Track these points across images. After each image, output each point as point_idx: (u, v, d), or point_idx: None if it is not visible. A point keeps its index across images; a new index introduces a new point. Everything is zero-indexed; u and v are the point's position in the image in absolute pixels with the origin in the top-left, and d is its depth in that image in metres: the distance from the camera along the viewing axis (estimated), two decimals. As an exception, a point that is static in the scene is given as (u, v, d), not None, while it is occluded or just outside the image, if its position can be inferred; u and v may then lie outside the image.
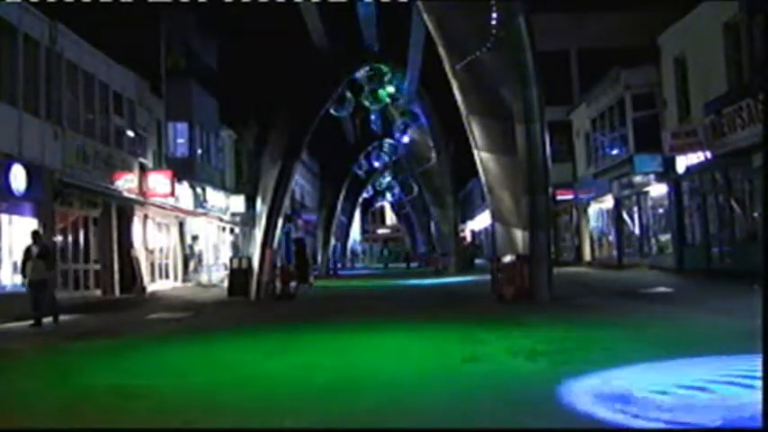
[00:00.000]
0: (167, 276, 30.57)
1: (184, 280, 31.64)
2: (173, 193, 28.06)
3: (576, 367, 8.22)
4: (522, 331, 12.16)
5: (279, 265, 26.57)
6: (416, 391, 7.68)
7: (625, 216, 32.13)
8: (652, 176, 27.74)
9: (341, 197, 50.88)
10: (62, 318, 17.00)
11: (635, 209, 31.05)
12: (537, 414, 6.33)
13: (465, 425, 6.17)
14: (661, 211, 28.93)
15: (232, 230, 39.96)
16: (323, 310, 19.36)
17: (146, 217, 28.00)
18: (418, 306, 19.57)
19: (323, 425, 6.35)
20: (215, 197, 34.63)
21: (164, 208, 28.68)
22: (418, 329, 13.35)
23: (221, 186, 36.23)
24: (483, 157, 19.63)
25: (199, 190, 32.39)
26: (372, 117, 44.17)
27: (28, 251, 16.43)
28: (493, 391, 7.36)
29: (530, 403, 6.78)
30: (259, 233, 26.01)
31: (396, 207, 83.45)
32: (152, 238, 28.77)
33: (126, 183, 25.43)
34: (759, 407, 4.80)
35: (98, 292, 23.98)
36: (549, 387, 7.20)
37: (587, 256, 37.10)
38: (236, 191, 38.01)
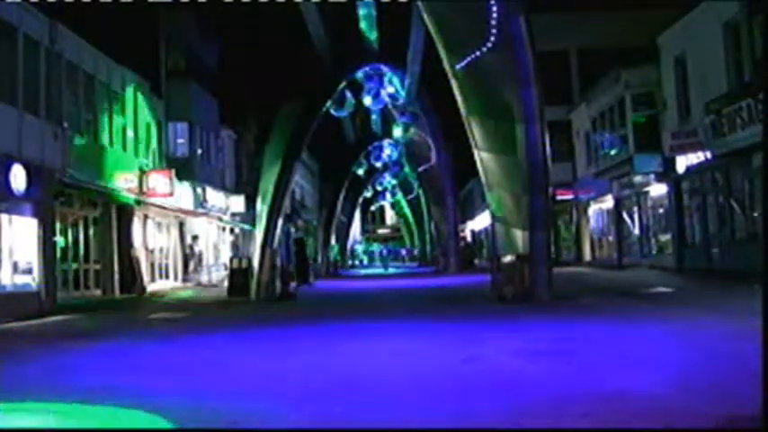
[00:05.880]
0: (167, 276, 30.58)
1: (184, 280, 31.65)
2: (173, 193, 28.06)
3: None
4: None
5: (279, 265, 26.56)
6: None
7: (625, 216, 32.14)
8: (652, 176, 27.76)
9: (341, 197, 50.85)
10: (62, 318, 17.01)
11: (635, 209, 31.06)
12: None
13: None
14: (661, 211, 28.95)
15: (232, 230, 39.96)
16: (323, 311, 19.35)
17: (146, 217, 28.01)
18: (419, 306, 19.55)
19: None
20: (215, 197, 34.64)
21: (164, 208, 28.68)
22: (418, 330, 13.36)
23: (221, 186, 36.24)
24: (483, 157, 19.61)
25: (199, 190, 32.40)
26: (373, 117, 44.14)
27: None
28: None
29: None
30: (259, 233, 26.01)
31: (396, 207, 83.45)
32: (152, 238, 28.78)
33: (126, 183, 25.43)
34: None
35: (98, 292, 24.00)
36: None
37: (587, 256, 37.11)
38: (236, 191, 38.03)
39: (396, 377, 8.48)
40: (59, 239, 21.56)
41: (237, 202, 37.23)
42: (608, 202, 33.81)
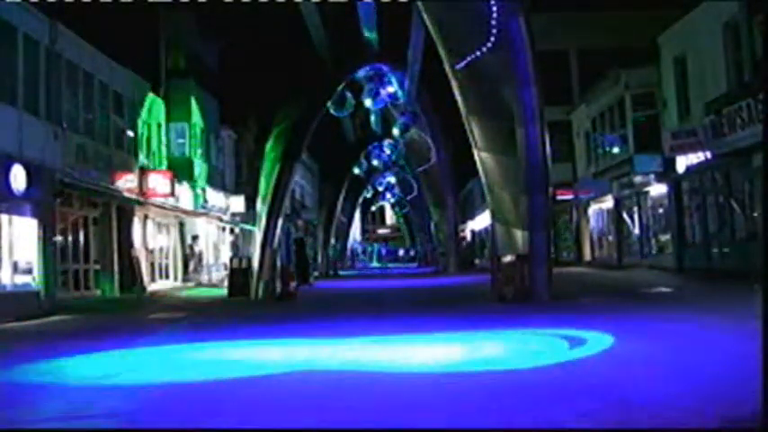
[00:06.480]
0: (167, 276, 30.58)
1: (184, 280, 31.66)
2: (173, 193, 28.07)
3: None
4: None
5: (279, 264, 26.59)
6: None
7: (625, 216, 32.14)
8: (652, 176, 27.76)
9: (341, 197, 50.88)
10: (61, 317, 16.98)
11: (635, 209, 31.06)
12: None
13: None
14: (661, 211, 28.95)
15: (232, 230, 39.96)
16: (323, 310, 19.35)
17: (146, 217, 28.00)
18: (418, 306, 19.56)
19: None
20: (215, 197, 34.64)
21: (164, 208, 28.68)
22: (418, 330, 13.36)
23: (221, 186, 36.24)
24: (483, 157, 19.63)
25: (199, 190, 32.39)
26: (372, 117, 44.17)
27: None
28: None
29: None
30: (259, 233, 26.03)
31: (396, 207, 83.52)
32: (152, 238, 28.77)
33: (126, 183, 25.44)
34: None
35: (98, 292, 24.00)
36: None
37: (587, 256, 37.11)
38: (236, 191, 38.02)
39: (394, 376, 8.47)
40: (58, 239, 21.56)
41: (237, 202, 37.22)
42: (608, 202, 33.81)
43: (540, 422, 5.93)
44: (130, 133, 26.86)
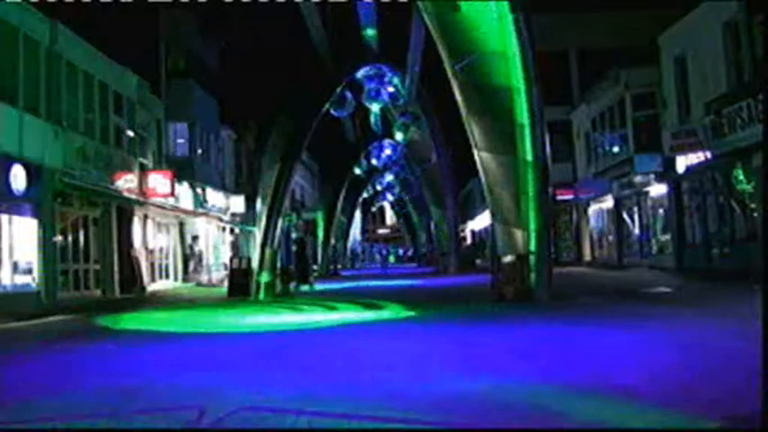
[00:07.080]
0: (167, 276, 30.59)
1: (184, 280, 31.67)
2: (173, 193, 28.08)
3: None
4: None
5: (279, 265, 26.58)
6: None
7: (625, 216, 32.15)
8: (652, 176, 27.77)
9: (341, 197, 50.89)
10: (61, 317, 16.97)
11: (635, 209, 31.07)
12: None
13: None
14: (661, 211, 28.96)
15: (232, 230, 39.98)
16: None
17: (146, 217, 28.02)
18: (418, 306, 19.52)
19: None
20: (215, 197, 34.66)
21: (164, 208, 28.70)
22: (417, 330, 13.40)
23: (221, 186, 36.26)
24: (483, 157, 19.58)
25: (199, 190, 32.42)
26: (372, 117, 44.17)
27: None
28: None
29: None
30: (259, 233, 26.04)
31: (396, 207, 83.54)
32: (152, 238, 28.79)
33: (126, 183, 25.45)
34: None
35: (98, 292, 24.01)
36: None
37: (587, 256, 37.12)
38: (236, 191, 38.04)
39: (392, 374, 8.47)
40: (58, 239, 21.57)
41: (237, 202, 37.25)
42: (608, 202, 33.82)
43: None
44: (130, 133, 26.88)
